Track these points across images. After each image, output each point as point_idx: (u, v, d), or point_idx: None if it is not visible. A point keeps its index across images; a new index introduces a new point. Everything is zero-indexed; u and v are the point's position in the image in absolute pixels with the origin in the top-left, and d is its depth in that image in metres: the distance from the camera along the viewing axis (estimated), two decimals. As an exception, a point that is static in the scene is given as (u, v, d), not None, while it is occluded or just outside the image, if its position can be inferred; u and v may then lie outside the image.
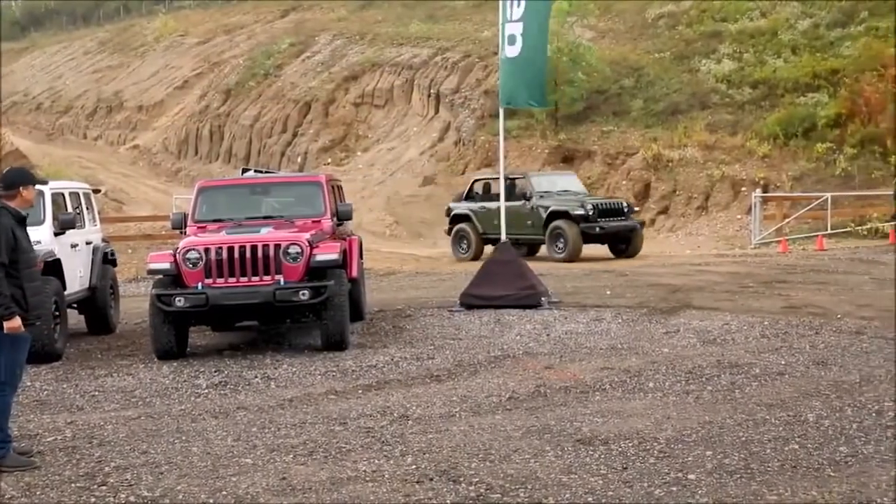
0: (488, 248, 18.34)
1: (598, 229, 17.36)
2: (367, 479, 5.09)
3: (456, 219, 19.52)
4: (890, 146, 21.60)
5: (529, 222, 17.99)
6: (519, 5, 11.57)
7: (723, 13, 28.51)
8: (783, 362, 7.67)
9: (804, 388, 6.76)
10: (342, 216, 10.16)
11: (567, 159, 25.50)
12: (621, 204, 18.34)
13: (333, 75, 32.56)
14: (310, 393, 7.25)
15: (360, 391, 7.26)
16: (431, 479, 5.04)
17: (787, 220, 20.53)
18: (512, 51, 11.64)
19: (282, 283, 8.70)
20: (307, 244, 8.87)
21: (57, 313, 9.11)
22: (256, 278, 8.76)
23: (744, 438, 5.58)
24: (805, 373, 7.29)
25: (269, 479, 5.14)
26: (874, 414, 6.01)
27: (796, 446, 5.40)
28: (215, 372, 8.16)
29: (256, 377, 7.88)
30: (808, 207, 20.39)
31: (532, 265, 12.45)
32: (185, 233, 9.62)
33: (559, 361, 8.09)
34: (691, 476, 4.94)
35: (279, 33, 37.75)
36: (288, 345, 9.55)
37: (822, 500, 4.53)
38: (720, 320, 9.78)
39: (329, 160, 29.64)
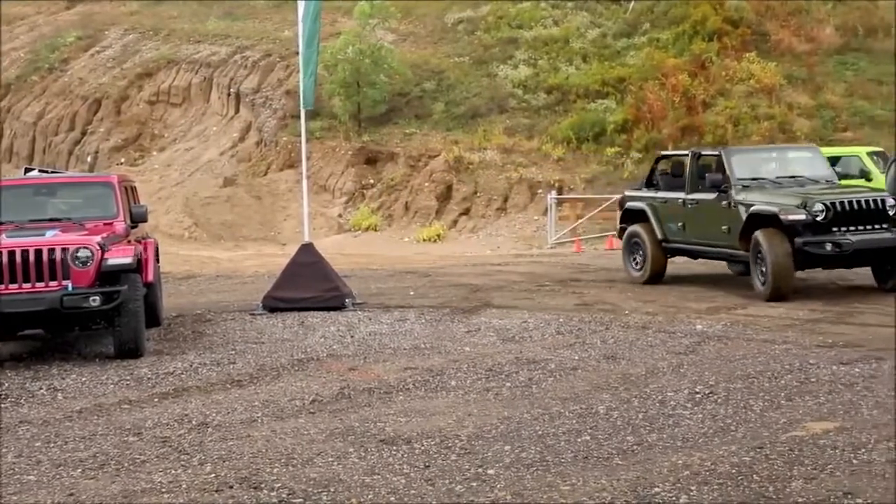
0: (681, 262, 13.37)
1: (829, 246, 10.50)
2: (163, 490, 4.91)
3: (629, 216, 13.41)
4: (671, 151, 22.99)
5: (725, 228, 11.50)
6: (302, 6, 11.66)
7: (518, 20, 29.43)
8: (577, 357, 8.01)
9: (596, 382, 7.08)
10: (136, 218, 9.79)
11: (370, 161, 25.59)
12: (880, 203, 10.90)
13: (126, 71, 31.17)
14: (101, 403, 6.91)
15: (156, 399, 6.99)
16: (231, 487, 4.92)
17: (580, 220, 21.46)
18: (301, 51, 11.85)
19: (70, 288, 8.27)
20: (98, 247, 8.47)
21: None
22: (41, 284, 8.28)
23: (540, 432, 5.78)
24: (596, 367, 7.63)
25: (54, 496, 4.86)
26: (658, 404, 6.38)
27: (588, 437, 5.64)
28: (-4, 385, 7.64)
29: (41, 388, 7.44)
30: (600, 208, 21.40)
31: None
32: (-39, 236, 8.96)
33: (363, 363, 8.10)
34: (490, 471, 5.07)
35: (65, 26, 35.73)
36: (77, 353, 9.06)
37: (610, 488, 4.75)
38: (519, 318, 10.09)
39: (122, 160, 28.37)
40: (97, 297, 8.25)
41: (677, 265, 13.46)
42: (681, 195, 12.44)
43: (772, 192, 11.35)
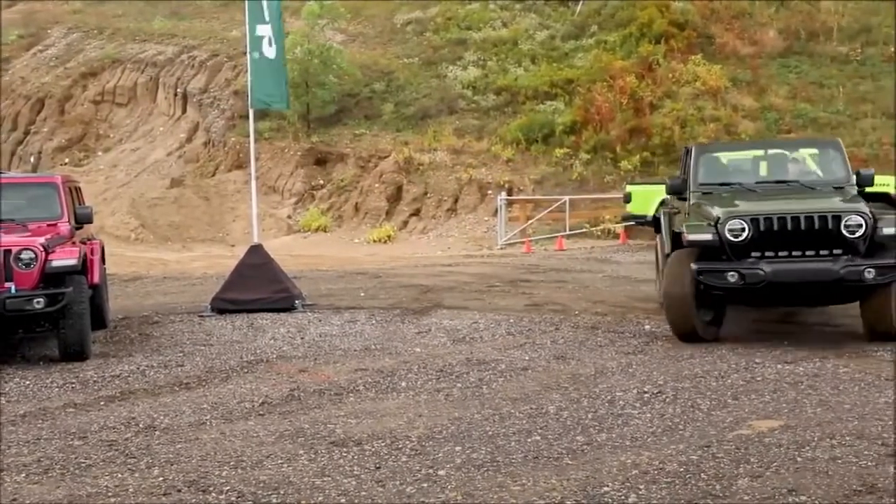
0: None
1: (734, 276, 8.03)
2: (110, 494, 4.84)
3: (659, 223, 10.99)
4: (619, 152, 23.23)
5: None
6: (268, 7, 11.67)
7: (467, 21, 29.52)
8: (527, 358, 8.05)
9: (546, 382, 7.12)
10: (81, 219, 9.64)
11: (320, 161, 25.48)
12: (831, 221, 8.09)
13: (69, 71, 30.65)
14: (45, 407, 6.79)
15: (102, 403, 6.89)
16: (179, 491, 4.87)
17: (529, 221, 21.58)
18: (269, 52, 11.76)
19: (13, 290, 8.11)
20: (41, 249, 8.33)
21: None
22: (-16, 287, 8.12)
23: (490, 433, 5.80)
24: (546, 367, 7.68)
25: (-2, 503, 4.77)
26: (607, 404, 6.44)
27: (538, 438, 5.67)
28: (-65, 390, 7.47)
29: (-16, 393, 7.29)
30: (549, 209, 21.55)
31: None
32: None
33: (313, 364, 8.06)
34: (441, 472, 5.07)
35: (5, 24, 35.01)
36: (21, 356, 8.89)
37: (560, 487, 4.79)
38: (469, 319, 10.12)
39: (66, 160, 27.90)
40: (41, 300, 8.12)
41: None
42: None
43: (723, 202, 8.71)
